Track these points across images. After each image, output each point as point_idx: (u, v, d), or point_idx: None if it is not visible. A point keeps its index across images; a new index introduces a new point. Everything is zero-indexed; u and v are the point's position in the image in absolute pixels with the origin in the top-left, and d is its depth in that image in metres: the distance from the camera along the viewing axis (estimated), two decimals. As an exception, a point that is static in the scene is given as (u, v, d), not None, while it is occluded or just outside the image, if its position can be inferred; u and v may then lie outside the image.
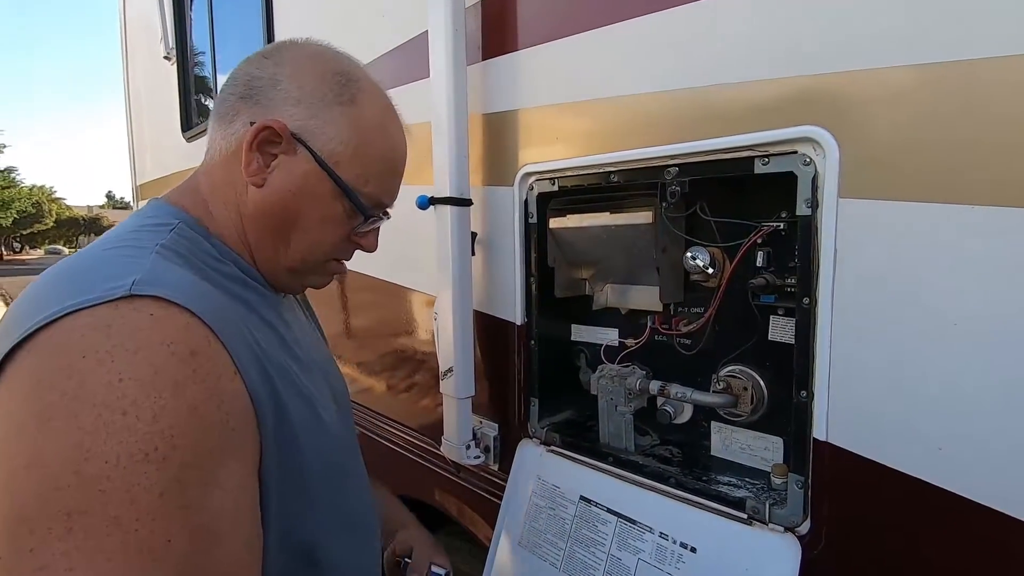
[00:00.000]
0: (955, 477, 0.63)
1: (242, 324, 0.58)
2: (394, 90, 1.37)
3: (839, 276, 0.71)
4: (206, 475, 0.48)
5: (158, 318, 0.49)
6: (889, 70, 0.65)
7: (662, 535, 0.89)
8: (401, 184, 0.75)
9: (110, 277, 0.51)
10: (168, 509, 0.46)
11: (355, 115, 0.67)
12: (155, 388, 0.47)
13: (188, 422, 0.47)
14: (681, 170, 0.86)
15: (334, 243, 0.70)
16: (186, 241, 0.62)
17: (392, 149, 0.71)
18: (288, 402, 0.60)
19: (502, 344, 1.18)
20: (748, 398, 0.90)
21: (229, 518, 0.50)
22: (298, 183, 0.65)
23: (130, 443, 0.45)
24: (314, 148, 0.65)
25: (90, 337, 0.47)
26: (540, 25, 1.05)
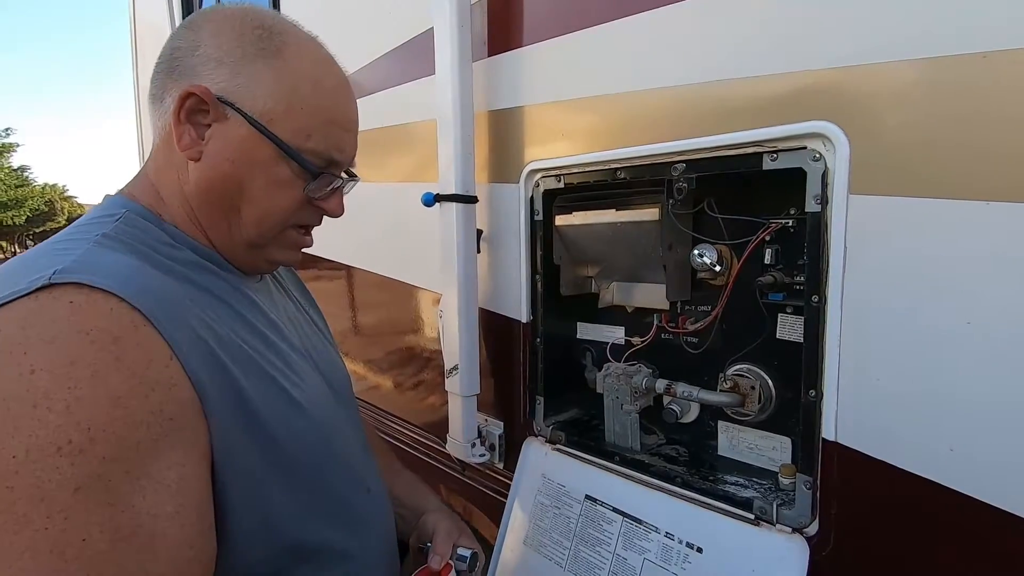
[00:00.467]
0: (967, 478, 0.62)
1: (189, 308, 0.55)
2: (400, 87, 1.38)
3: (849, 273, 0.70)
4: (134, 469, 0.45)
5: (77, 305, 0.47)
6: (900, 64, 0.64)
7: (668, 535, 0.89)
8: (356, 141, 0.70)
9: (35, 270, 0.49)
10: (85, 505, 0.43)
11: (282, 67, 0.62)
12: (70, 378, 0.44)
13: (109, 413, 0.45)
14: (688, 167, 0.85)
15: (288, 209, 0.65)
16: (134, 229, 0.60)
17: (331, 100, 0.66)
18: (249, 386, 0.57)
19: (507, 342, 1.17)
20: (755, 397, 0.89)
21: (167, 516, 0.47)
22: (235, 150, 0.61)
23: (40, 436, 0.43)
24: (244, 109, 0.61)
25: (5, 331, 0.46)
26: (546, 21, 1.04)
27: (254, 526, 0.56)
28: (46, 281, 0.47)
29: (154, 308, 0.50)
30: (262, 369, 0.60)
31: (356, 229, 1.66)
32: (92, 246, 0.54)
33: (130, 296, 0.49)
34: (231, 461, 0.54)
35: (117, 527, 0.44)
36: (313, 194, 0.66)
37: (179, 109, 0.60)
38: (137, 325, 0.49)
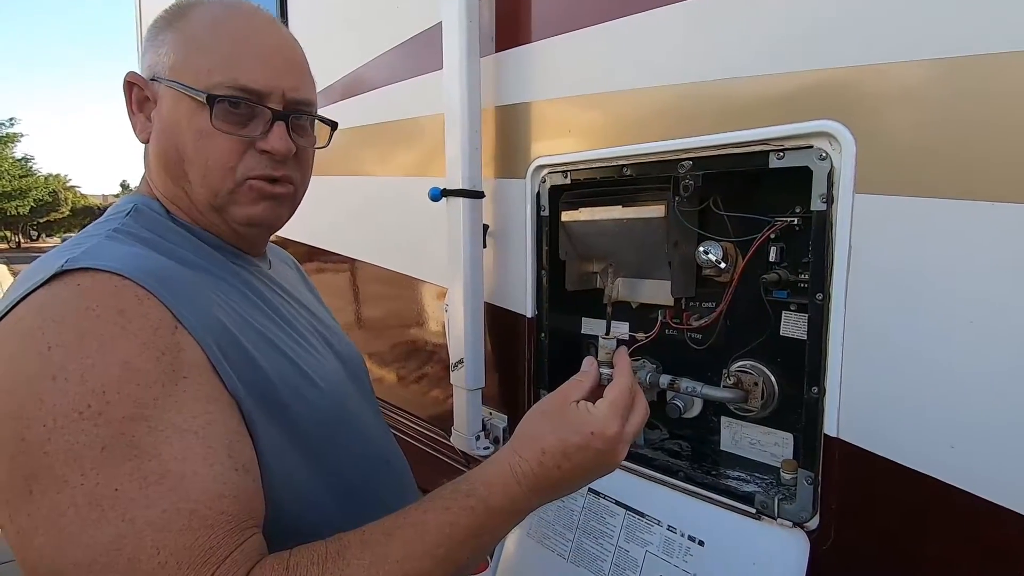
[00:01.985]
0: (967, 475, 0.63)
1: (195, 285, 0.57)
2: (407, 82, 1.39)
3: (853, 272, 0.71)
4: (157, 423, 0.48)
5: (84, 287, 0.51)
6: (906, 64, 0.64)
7: (670, 528, 0.90)
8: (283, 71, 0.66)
9: (45, 264, 0.53)
10: (113, 461, 0.46)
11: (183, 26, 0.64)
12: (81, 350, 0.48)
13: (120, 376, 0.48)
14: (695, 164, 0.86)
15: (223, 154, 0.63)
16: (145, 221, 0.63)
17: (232, 33, 0.64)
18: (260, 357, 0.59)
19: (512, 336, 1.18)
20: (758, 393, 0.90)
21: (196, 458, 0.49)
22: (167, 116, 0.64)
23: (63, 405, 0.46)
24: (161, 76, 0.63)
25: (25, 319, 0.50)
26: (553, 17, 1.04)
27: (278, 491, 0.57)
28: (57, 270, 0.51)
29: (157, 285, 0.53)
30: (272, 343, 0.62)
31: (362, 223, 1.67)
32: (103, 239, 0.58)
33: (134, 275, 0.52)
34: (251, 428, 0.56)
35: (145, 475, 0.47)
36: (231, 129, 0.63)
37: (128, 102, 0.65)
38: (141, 299, 0.51)
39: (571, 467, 0.58)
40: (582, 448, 0.57)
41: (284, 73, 0.66)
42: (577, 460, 0.57)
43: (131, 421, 0.47)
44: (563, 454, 0.57)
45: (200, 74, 0.62)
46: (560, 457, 0.57)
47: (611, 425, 0.58)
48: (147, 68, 0.65)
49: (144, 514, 0.46)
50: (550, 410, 0.61)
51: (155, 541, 0.46)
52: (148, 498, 0.47)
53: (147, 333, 0.50)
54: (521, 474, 0.57)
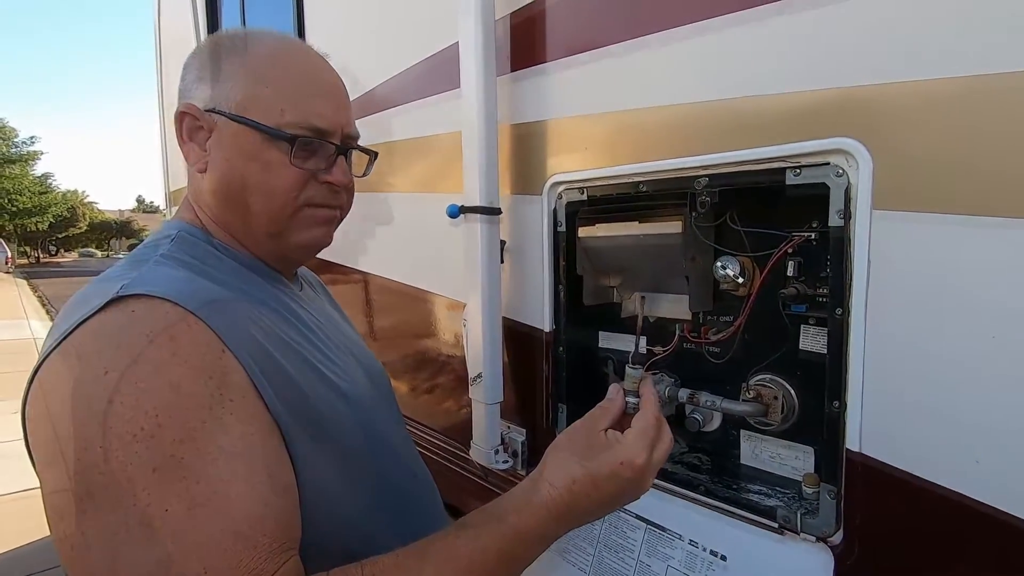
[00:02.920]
0: (993, 490, 0.63)
1: (236, 308, 0.60)
2: (424, 100, 1.41)
3: (873, 287, 0.71)
4: (204, 445, 0.51)
5: (138, 313, 0.54)
6: (923, 82, 0.65)
7: (692, 543, 0.90)
8: (343, 108, 0.71)
9: (101, 290, 0.56)
10: (163, 482, 0.49)
11: (245, 60, 0.67)
12: (135, 374, 0.50)
13: (171, 400, 0.50)
14: (711, 181, 0.87)
15: (290, 186, 0.67)
16: (187, 247, 0.66)
17: (297, 73, 0.68)
18: (295, 373, 0.61)
19: (530, 350, 1.19)
20: (778, 407, 0.90)
21: (239, 479, 0.51)
22: (229, 149, 0.66)
23: (118, 427, 0.49)
24: (224, 110, 0.66)
25: (83, 343, 0.53)
26: (568, 38, 1.06)
27: (314, 508, 0.59)
28: (113, 296, 0.54)
29: (204, 309, 0.55)
30: (305, 359, 0.65)
31: (380, 238, 1.70)
32: (152, 265, 0.61)
33: (183, 301, 0.55)
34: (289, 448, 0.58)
35: (193, 497, 0.49)
36: (302, 164, 0.67)
37: (179, 131, 0.67)
38: (190, 324, 0.54)
39: (600, 496, 0.59)
40: (611, 478, 0.58)
41: (342, 110, 0.71)
42: (606, 489, 0.58)
43: (180, 443, 0.50)
44: (592, 484, 0.58)
45: (271, 113, 0.66)
46: (590, 487, 0.58)
47: (639, 455, 0.59)
48: (204, 99, 0.67)
49: (192, 536, 0.48)
50: (579, 439, 0.62)
51: (202, 562, 0.48)
52: (195, 519, 0.49)
53: (196, 358, 0.53)
54: (551, 503, 0.58)
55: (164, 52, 3.68)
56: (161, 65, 3.73)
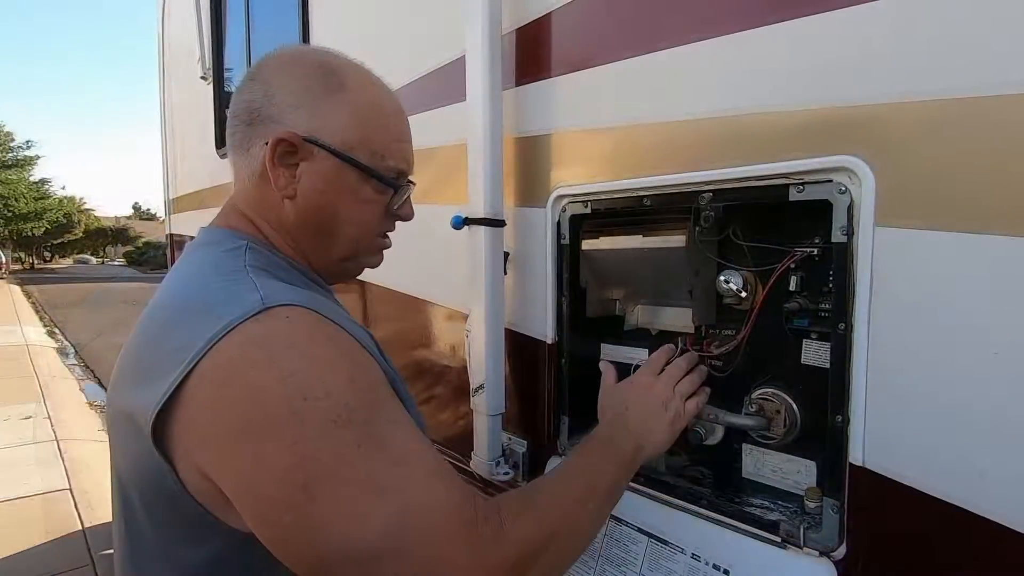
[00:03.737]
0: (998, 505, 0.63)
1: (344, 313, 0.68)
2: (430, 112, 1.43)
3: (875, 302, 0.72)
4: (384, 419, 0.60)
5: (293, 320, 0.60)
6: (927, 102, 0.66)
7: (694, 556, 0.90)
8: (412, 149, 0.81)
9: (234, 300, 0.60)
10: (370, 453, 0.57)
11: (350, 99, 0.72)
12: (317, 372, 0.57)
13: (350, 388, 0.58)
14: (715, 195, 0.88)
15: (375, 222, 0.77)
16: (260, 257, 0.70)
17: (394, 119, 0.77)
18: (399, 388, 0.68)
19: (533, 362, 1.20)
20: (781, 421, 0.91)
21: (413, 437, 0.62)
22: (325, 181, 0.71)
23: (320, 419, 0.56)
24: (326, 144, 0.70)
25: (249, 350, 0.57)
26: (574, 52, 1.08)
27: None
28: (261, 306, 0.59)
29: (330, 314, 0.63)
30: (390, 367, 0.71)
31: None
32: (256, 274, 0.65)
33: (318, 309, 0.62)
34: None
35: (394, 457, 0.59)
36: (393, 205, 0.78)
37: (272, 154, 0.69)
38: (335, 327, 0.62)
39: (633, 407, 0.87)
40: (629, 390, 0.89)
41: (413, 152, 0.81)
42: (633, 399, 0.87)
43: (368, 423, 0.58)
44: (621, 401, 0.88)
45: (374, 156, 0.74)
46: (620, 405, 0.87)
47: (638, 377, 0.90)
48: (302, 127, 0.70)
49: (408, 484, 0.58)
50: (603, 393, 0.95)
51: (430, 499, 0.58)
52: (405, 473, 0.58)
53: (352, 353, 0.62)
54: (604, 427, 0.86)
55: (168, 59, 3.70)
56: (164, 72, 3.75)
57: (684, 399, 0.87)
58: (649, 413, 0.85)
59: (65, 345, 9.80)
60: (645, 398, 0.86)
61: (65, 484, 3.75)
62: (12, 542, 2.95)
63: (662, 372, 0.89)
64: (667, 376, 0.88)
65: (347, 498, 0.55)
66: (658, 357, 0.91)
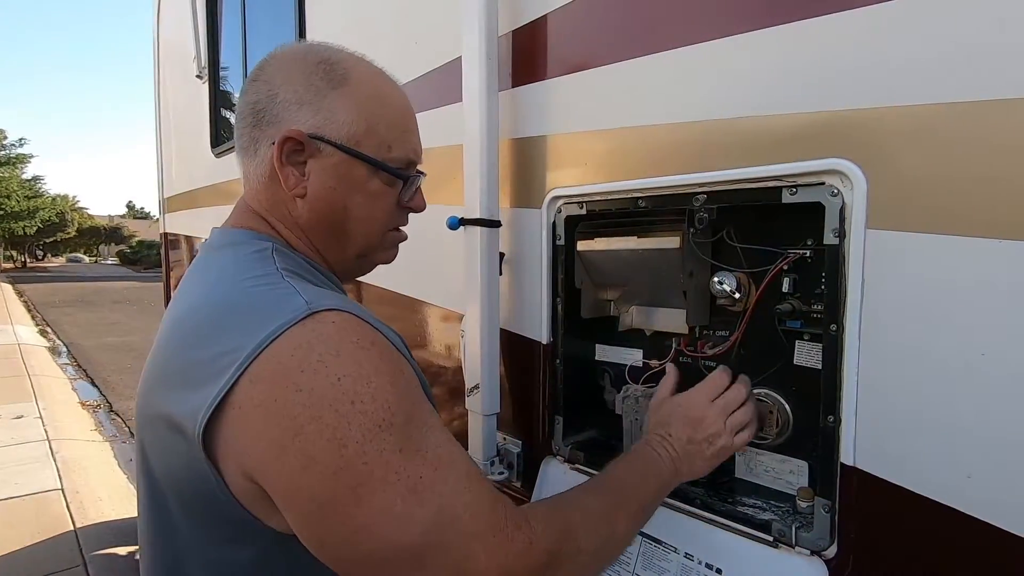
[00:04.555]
0: (985, 505, 0.64)
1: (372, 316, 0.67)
2: (426, 113, 1.43)
3: (867, 304, 0.73)
4: (420, 424, 0.61)
5: (339, 324, 0.60)
6: (918, 107, 0.67)
7: (687, 555, 0.91)
8: (420, 139, 0.80)
9: (280, 304, 0.60)
10: (410, 457, 0.58)
11: (353, 92, 0.71)
12: (364, 376, 0.58)
13: (393, 393, 0.59)
14: (709, 198, 0.89)
15: (387, 216, 0.76)
16: (290, 262, 0.70)
17: (398, 110, 0.76)
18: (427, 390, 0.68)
19: (527, 362, 1.20)
20: (773, 422, 0.91)
21: (445, 441, 0.62)
22: (335, 177, 0.71)
23: (366, 423, 0.56)
24: (333, 139, 0.69)
25: (299, 355, 0.58)
26: (570, 55, 1.08)
27: None
28: (308, 311, 0.60)
29: (372, 321, 0.64)
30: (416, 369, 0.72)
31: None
32: (293, 280, 0.65)
33: (359, 314, 0.63)
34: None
35: (431, 461, 0.59)
36: (404, 197, 0.76)
37: (279, 154, 0.69)
38: (374, 331, 0.63)
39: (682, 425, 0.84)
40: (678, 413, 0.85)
41: (420, 142, 0.79)
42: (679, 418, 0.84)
43: (407, 425, 0.59)
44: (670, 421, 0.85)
45: (380, 148, 0.72)
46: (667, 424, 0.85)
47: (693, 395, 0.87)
48: (307, 125, 0.69)
49: (444, 487, 0.59)
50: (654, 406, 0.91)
51: (464, 502, 0.59)
52: (441, 477, 0.59)
53: (392, 357, 0.62)
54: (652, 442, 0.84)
55: (162, 59, 3.68)
56: (159, 70, 3.73)
57: (734, 433, 0.84)
58: (695, 444, 0.83)
59: (57, 344, 9.74)
60: (695, 427, 0.83)
61: (57, 484, 3.73)
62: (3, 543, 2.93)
63: (719, 397, 0.85)
64: (722, 405, 0.84)
65: (389, 501, 0.56)
66: (718, 380, 0.86)
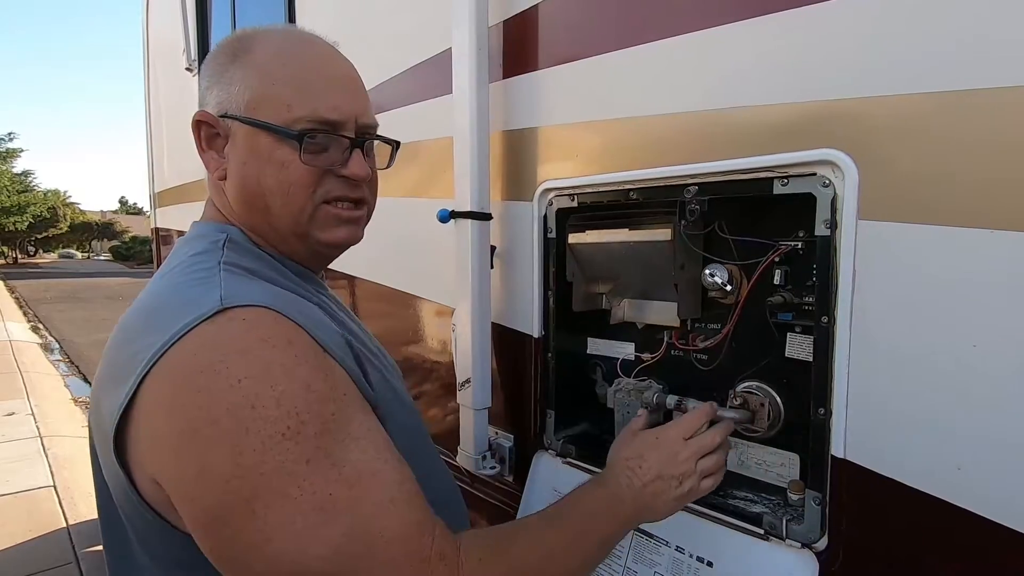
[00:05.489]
0: (974, 496, 0.64)
1: (315, 311, 0.63)
2: (415, 105, 1.41)
3: (858, 296, 0.72)
4: (338, 434, 0.55)
5: (251, 321, 0.56)
6: (909, 97, 0.67)
7: (678, 549, 0.90)
8: (358, 98, 0.70)
9: (197, 299, 0.57)
10: (320, 470, 0.53)
11: (250, 60, 0.67)
12: (270, 379, 0.53)
13: (305, 398, 0.54)
14: (700, 189, 0.88)
15: (307, 184, 0.67)
16: (241, 253, 0.67)
17: (302, 67, 0.67)
18: (373, 379, 0.65)
19: (519, 356, 1.19)
20: (765, 414, 0.91)
21: (374, 458, 0.57)
22: (244, 151, 0.67)
23: (267, 430, 0.52)
24: (235, 113, 0.66)
25: (202, 353, 0.54)
26: (561, 46, 1.07)
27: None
28: (217, 307, 0.55)
29: (296, 315, 0.59)
30: (371, 360, 0.68)
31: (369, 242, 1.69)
32: (225, 274, 0.61)
33: (280, 308, 0.58)
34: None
35: (347, 478, 0.54)
36: (314, 160, 0.66)
37: (198, 140, 0.67)
38: (296, 329, 0.58)
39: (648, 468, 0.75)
40: (651, 447, 0.77)
41: (354, 100, 0.70)
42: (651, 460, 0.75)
43: (321, 436, 0.54)
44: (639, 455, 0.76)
45: (280, 110, 0.65)
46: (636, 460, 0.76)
47: (671, 429, 0.78)
48: (216, 105, 0.67)
49: (359, 509, 0.54)
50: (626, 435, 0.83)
51: (382, 526, 0.54)
52: (357, 497, 0.54)
53: (312, 358, 0.57)
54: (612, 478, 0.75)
55: (152, 53, 3.64)
56: (149, 66, 3.69)
57: (702, 478, 0.77)
58: (663, 482, 0.75)
59: (49, 341, 9.67)
60: (665, 465, 0.76)
61: (49, 481, 3.70)
62: None
63: (692, 437, 0.78)
64: (695, 448, 0.77)
65: (288, 517, 0.51)
66: (694, 420, 0.80)
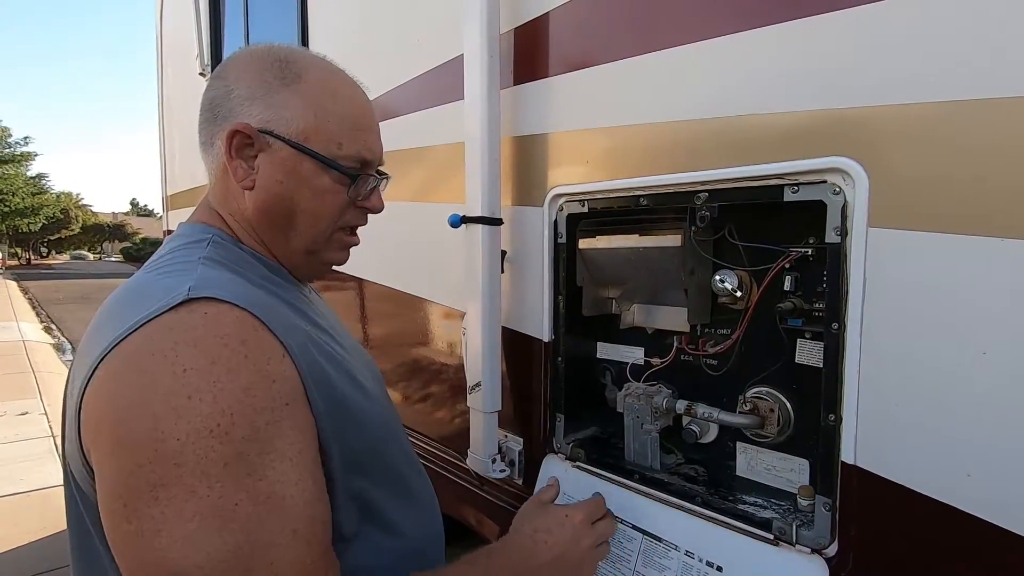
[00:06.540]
0: (984, 504, 0.64)
1: (288, 314, 0.64)
2: (427, 111, 1.43)
3: (868, 303, 0.73)
4: (265, 446, 0.54)
5: (211, 315, 0.56)
6: (921, 105, 0.67)
7: (688, 553, 0.91)
8: (380, 140, 0.78)
9: (168, 289, 0.57)
10: (233, 477, 0.52)
11: (304, 90, 0.71)
12: (213, 375, 0.53)
13: (243, 401, 0.53)
14: (711, 196, 0.89)
15: (335, 213, 0.74)
16: (223, 252, 0.69)
17: (352, 108, 0.74)
18: (340, 384, 0.65)
19: (529, 360, 1.20)
20: (774, 420, 0.91)
21: (292, 483, 0.55)
22: (282, 171, 0.70)
23: (196, 422, 0.51)
24: (281, 134, 0.69)
25: (156, 339, 0.54)
26: (572, 53, 1.08)
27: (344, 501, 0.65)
28: (184, 297, 0.56)
29: (266, 315, 0.59)
30: (339, 363, 0.69)
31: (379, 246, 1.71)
32: (203, 268, 0.63)
33: (248, 306, 0.58)
34: (326, 444, 0.62)
35: (257, 493, 0.53)
36: (355, 196, 0.74)
37: (229, 147, 0.69)
38: (257, 329, 0.58)
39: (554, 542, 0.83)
40: (560, 525, 0.85)
41: (380, 141, 0.78)
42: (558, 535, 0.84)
43: (248, 442, 0.53)
44: (547, 529, 0.84)
45: (330, 145, 0.71)
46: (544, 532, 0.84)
47: (579, 512, 0.87)
48: (257, 119, 0.69)
49: (258, 529, 0.52)
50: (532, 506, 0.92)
51: (267, 556, 0.53)
52: (260, 516, 0.53)
53: (263, 362, 0.56)
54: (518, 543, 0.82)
55: (165, 56, 3.69)
56: (162, 68, 3.74)
57: (597, 561, 0.89)
58: (564, 561, 0.83)
59: (62, 341, 9.78)
60: (569, 547, 0.83)
61: (61, 481, 3.75)
62: (8, 538, 2.95)
63: (594, 524, 0.88)
64: (598, 534, 0.88)
65: (187, 512, 0.50)
66: (599, 507, 0.92)
